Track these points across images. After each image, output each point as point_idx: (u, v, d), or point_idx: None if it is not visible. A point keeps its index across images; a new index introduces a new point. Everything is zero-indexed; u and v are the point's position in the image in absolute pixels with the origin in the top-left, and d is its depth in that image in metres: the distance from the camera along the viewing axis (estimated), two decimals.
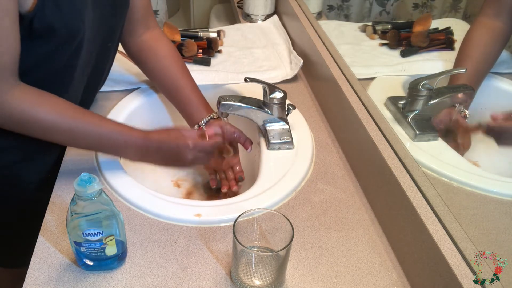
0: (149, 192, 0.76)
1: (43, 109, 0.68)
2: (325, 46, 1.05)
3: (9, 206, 0.86)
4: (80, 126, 0.71)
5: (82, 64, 0.78)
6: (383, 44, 1.05)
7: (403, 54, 1.00)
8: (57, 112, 0.69)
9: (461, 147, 0.78)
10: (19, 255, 0.84)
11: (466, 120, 0.77)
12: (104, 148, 0.76)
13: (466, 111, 0.77)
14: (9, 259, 0.95)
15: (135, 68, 1.06)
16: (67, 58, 0.73)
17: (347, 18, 1.37)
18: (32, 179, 0.85)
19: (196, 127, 0.89)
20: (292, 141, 0.87)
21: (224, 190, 0.92)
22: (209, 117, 0.89)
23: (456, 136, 0.80)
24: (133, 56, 0.95)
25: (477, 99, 0.78)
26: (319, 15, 1.35)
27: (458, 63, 0.83)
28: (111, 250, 0.62)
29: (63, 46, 0.70)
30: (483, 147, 0.79)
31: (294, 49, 1.19)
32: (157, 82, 0.96)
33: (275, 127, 0.88)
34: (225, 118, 0.89)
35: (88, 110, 0.74)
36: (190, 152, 0.77)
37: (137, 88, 1.03)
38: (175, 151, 0.77)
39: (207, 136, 0.82)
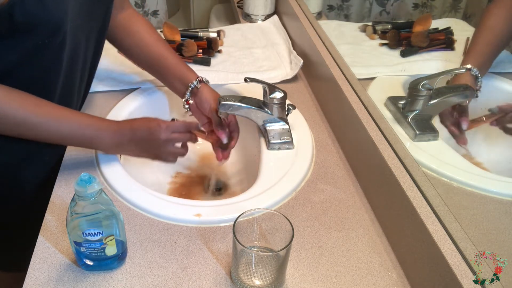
0: (149, 192, 0.76)
1: (12, 105, 0.68)
2: (325, 46, 1.05)
3: (8, 207, 0.86)
4: (51, 120, 0.71)
5: (74, 57, 0.77)
6: (383, 44, 1.05)
7: (403, 54, 1.00)
8: (26, 108, 0.69)
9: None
10: (18, 259, 0.83)
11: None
12: (77, 141, 0.76)
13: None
14: (8, 262, 0.95)
15: (135, 68, 1.06)
16: (54, 52, 0.72)
17: (347, 18, 1.37)
18: (31, 179, 0.84)
19: (187, 94, 0.88)
20: (292, 141, 0.87)
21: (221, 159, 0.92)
22: (197, 80, 0.88)
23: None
24: (109, 36, 0.93)
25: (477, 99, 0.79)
26: (319, 15, 1.35)
27: (479, 34, 0.82)
28: (111, 250, 0.62)
29: (48, 39, 0.69)
30: (486, 146, 0.80)
31: (294, 49, 1.19)
32: (136, 59, 0.95)
33: (275, 127, 0.88)
34: (225, 118, 0.89)
35: (57, 105, 0.74)
36: (163, 133, 0.77)
37: (137, 88, 1.03)
38: (148, 134, 0.77)
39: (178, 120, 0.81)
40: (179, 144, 0.84)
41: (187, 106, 0.90)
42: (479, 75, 0.77)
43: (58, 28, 0.69)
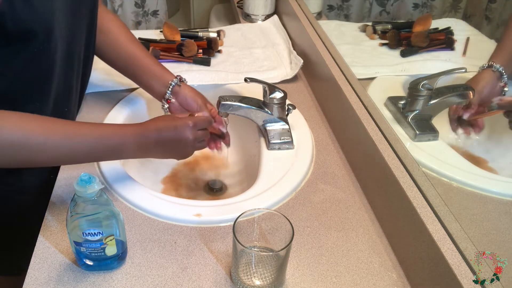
0: (149, 192, 0.76)
1: (29, 126, 0.62)
2: (325, 46, 1.05)
3: (8, 208, 0.85)
4: (72, 137, 0.66)
5: (69, 57, 0.76)
6: (383, 44, 1.05)
7: (403, 54, 1.00)
8: (44, 129, 0.63)
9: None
10: (18, 260, 0.83)
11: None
12: (101, 154, 0.71)
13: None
14: (8, 263, 0.95)
15: None
16: (49, 56, 0.71)
17: (347, 18, 1.37)
18: (31, 180, 0.84)
19: (168, 93, 0.87)
20: (292, 141, 0.87)
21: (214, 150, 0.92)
22: (177, 78, 0.87)
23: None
24: None
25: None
26: (319, 15, 1.35)
27: (507, 33, 0.82)
28: (111, 250, 0.62)
29: (43, 45, 0.68)
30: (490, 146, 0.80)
31: (294, 49, 1.19)
32: (108, 58, 0.91)
33: (275, 127, 0.88)
34: (225, 118, 0.89)
35: (69, 121, 0.68)
36: (191, 131, 0.74)
37: (137, 88, 1.03)
38: (175, 134, 0.74)
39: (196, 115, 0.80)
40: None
41: (167, 106, 0.89)
42: (503, 71, 0.76)
43: (50, 30, 0.68)
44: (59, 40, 0.72)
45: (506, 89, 0.77)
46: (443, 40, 0.98)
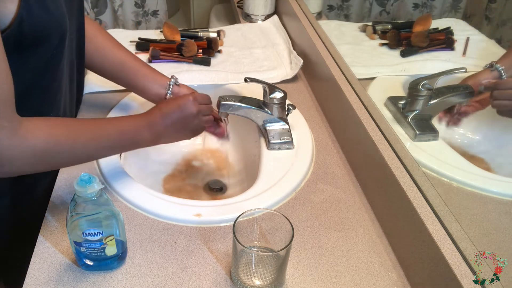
0: (149, 192, 0.76)
1: (59, 131, 0.63)
2: (325, 46, 1.05)
3: (17, 214, 0.85)
4: (98, 138, 0.68)
5: (71, 60, 0.76)
6: (383, 44, 1.05)
7: (403, 54, 1.00)
8: (72, 132, 0.65)
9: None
10: (17, 264, 0.82)
11: None
12: (121, 148, 0.75)
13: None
14: (8, 265, 0.94)
15: None
16: (60, 60, 0.71)
17: (347, 18, 1.37)
18: (42, 187, 0.84)
19: (169, 93, 0.88)
20: (292, 141, 0.87)
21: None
22: (173, 81, 0.88)
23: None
24: None
25: None
26: (319, 15, 1.35)
27: None
28: (111, 250, 0.62)
29: (56, 49, 0.68)
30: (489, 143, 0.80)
31: (294, 49, 1.19)
32: (95, 65, 0.89)
33: (275, 127, 0.88)
34: (225, 118, 0.89)
35: (94, 119, 0.71)
36: (193, 105, 0.77)
37: None
38: (180, 112, 0.76)
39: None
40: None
41: (169, 93, 0.88)
42: (502, 72, 0.76)
43: (64, 34, 0.68)
44: (67, 44, 0.72)
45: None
46: (443, 40, 0.98)
